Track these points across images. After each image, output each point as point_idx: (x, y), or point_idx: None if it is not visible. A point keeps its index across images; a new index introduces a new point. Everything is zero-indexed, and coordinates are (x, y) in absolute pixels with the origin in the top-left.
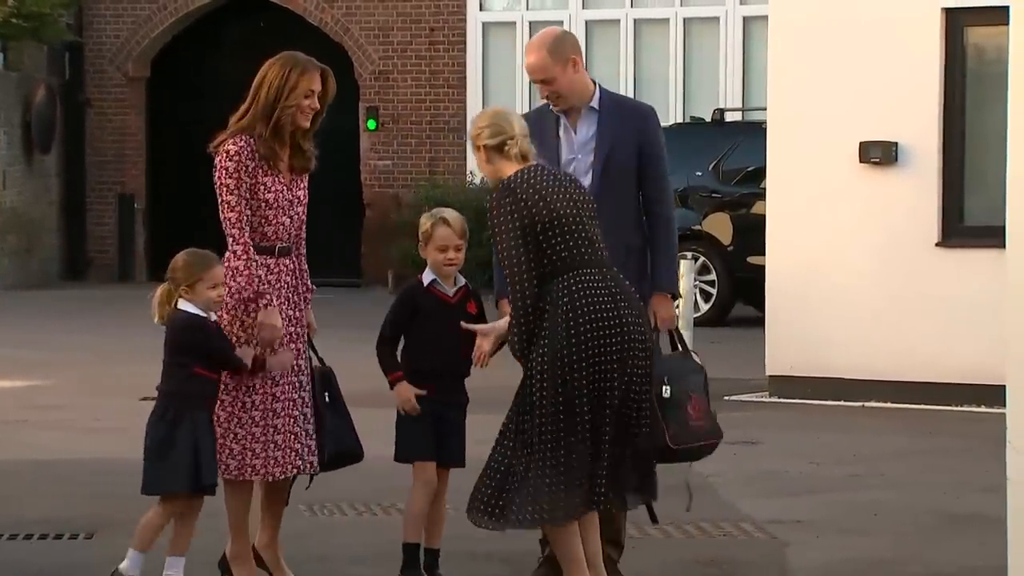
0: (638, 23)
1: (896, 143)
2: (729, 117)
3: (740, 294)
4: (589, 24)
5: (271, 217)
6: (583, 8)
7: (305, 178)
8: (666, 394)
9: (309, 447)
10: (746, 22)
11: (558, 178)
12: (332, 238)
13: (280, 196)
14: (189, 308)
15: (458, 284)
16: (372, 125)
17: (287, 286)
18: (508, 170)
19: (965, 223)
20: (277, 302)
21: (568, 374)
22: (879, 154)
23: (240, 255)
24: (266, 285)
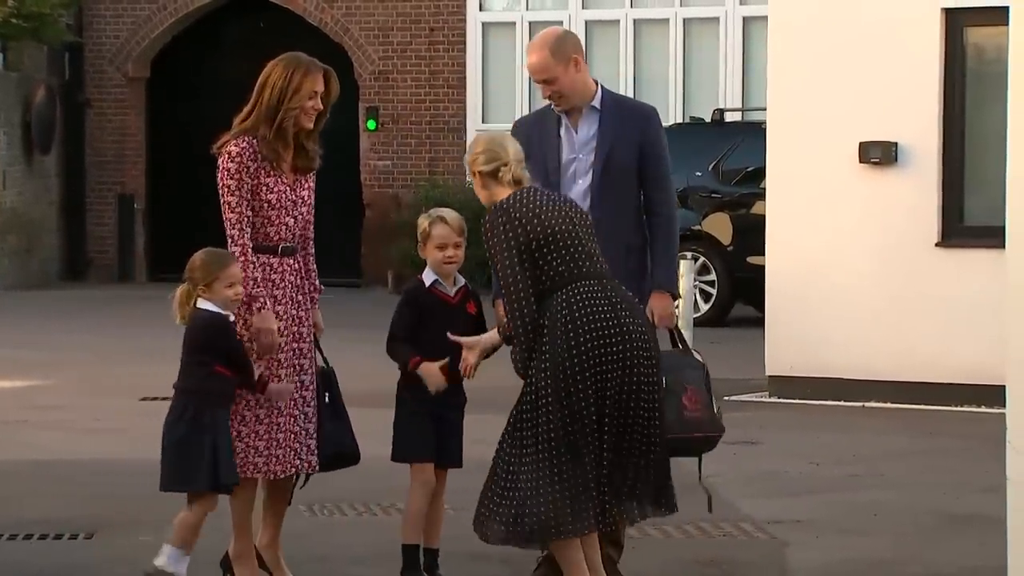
0: (638, 23)
1: (896, 143)
2: (729, 117)
3: (740, 294)
4: (589, 24)
5: (274, 217)
6: (583, 8)
7: (310, 178)
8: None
9: (308, 446)
10: (746, 22)
11: (552, 198)
12: (332, 238)
13: (283, 196)
14: (209, 307)
15: (458, 284)
16: (372, 125)
17: (291, 286)
18: (502, 195)
19: (965, 223)
20: (281, 301)
21: (571, 386)
22: (879, 154)
23: (238, 256)
24: (260, 288)
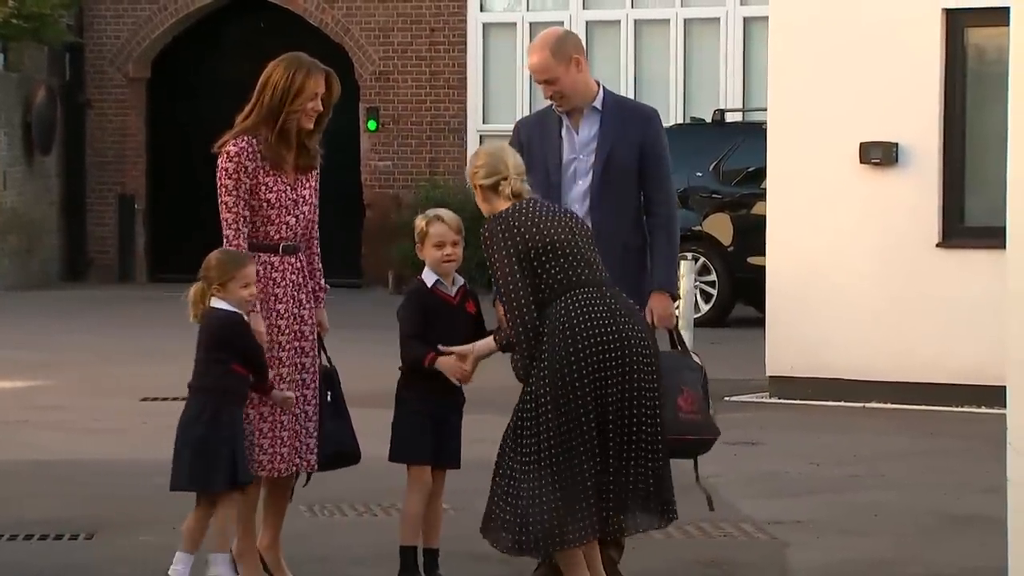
0: (639, 24)
1: (896, 144)
2: (729, 118)
3: (740, 295)
4: (590, 25)
5: (274, 216)
6: (584, 9)
7: (311, 177)
8: None
9: (308, 445)
10: (747, 23)
11: (551, 209)
12: (332, 238)
13: (283, 196)
14: (223, 306)
15: (457, 284)
16: (372, 126)
17: (292, 284)
18: (502, 208)
19: (966, 224)
20: (282, 300)
21: (570, 393)
22: (879, 155)
23: None
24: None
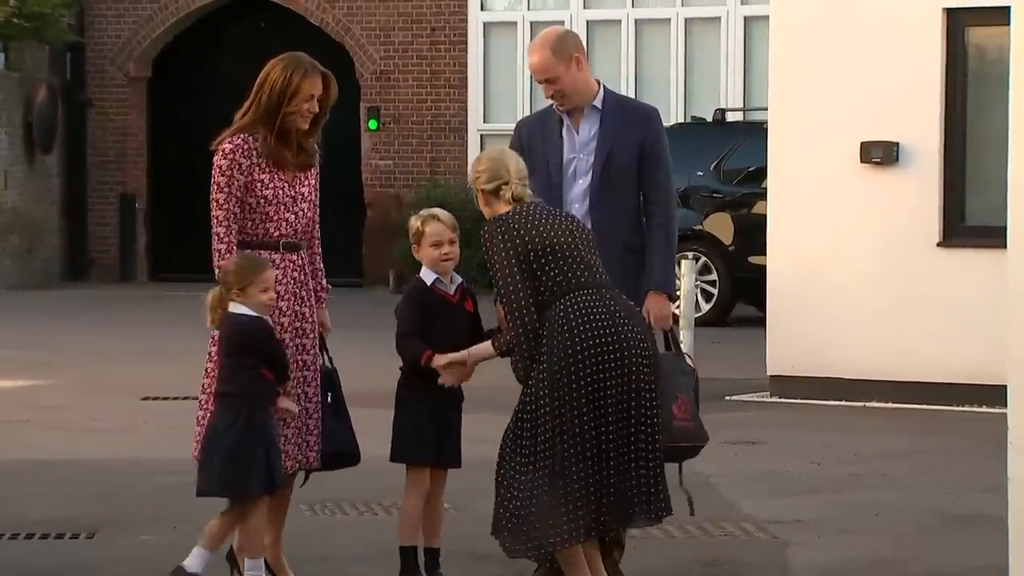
0: (639, 23)
1: (897, 143)
2: (730, 117)
3: (741, 294)
4: (590, 24)
5: (271, 213)
6: (584, 8)
7: (310, 175)
8: None
9: (309, 442)
10: (747, 22)
11: (551, 212)
12: (333, 238)
13: (281, 192)
14: (244, 310)
15: (455, 282)
16: (373, 125)
17: (293, 281)
18: (503, 212)
19: (966, 223)
20: (284, 297)
21: (567, 394)
22: (880, 154)
23: (224, 254)
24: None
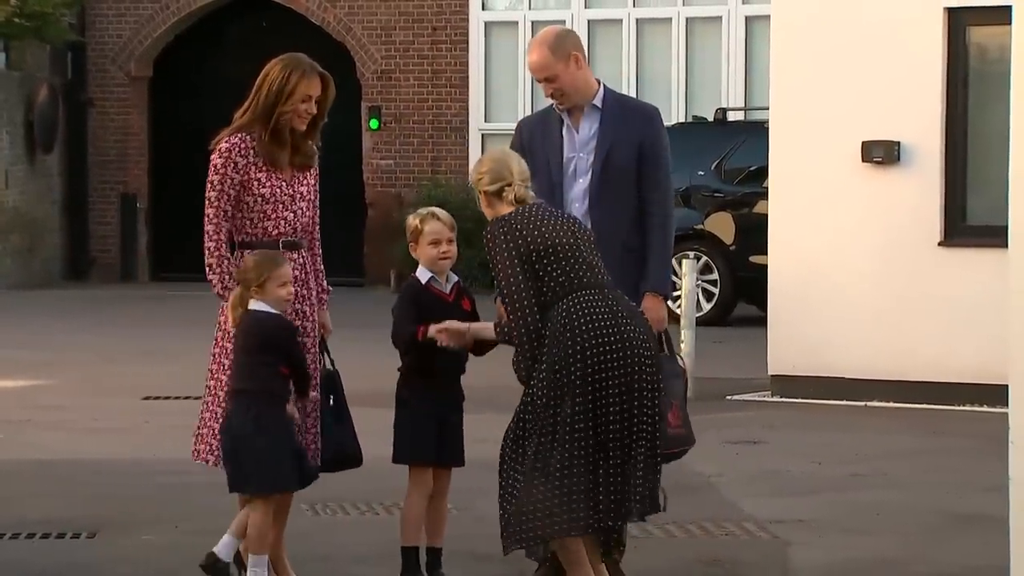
0: (640, 23)
1: (898, 142)
2: (731, 116)
3: (742, 293)
4: (591, 24)
5: (269, 212)
6: (585, 8)
7: (309, 175)
8: None
9: (305, 440)
10: (748, 21)
11: (553, 213)
12: (334, 238)
13: (279, 191)
14: (263, 307)
15: (451, 281)
16: (375, 125)
17: (294, 280)
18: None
19: (968, 223)
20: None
21: (569, 394)
22: (881, 153)
23: (213, 252)
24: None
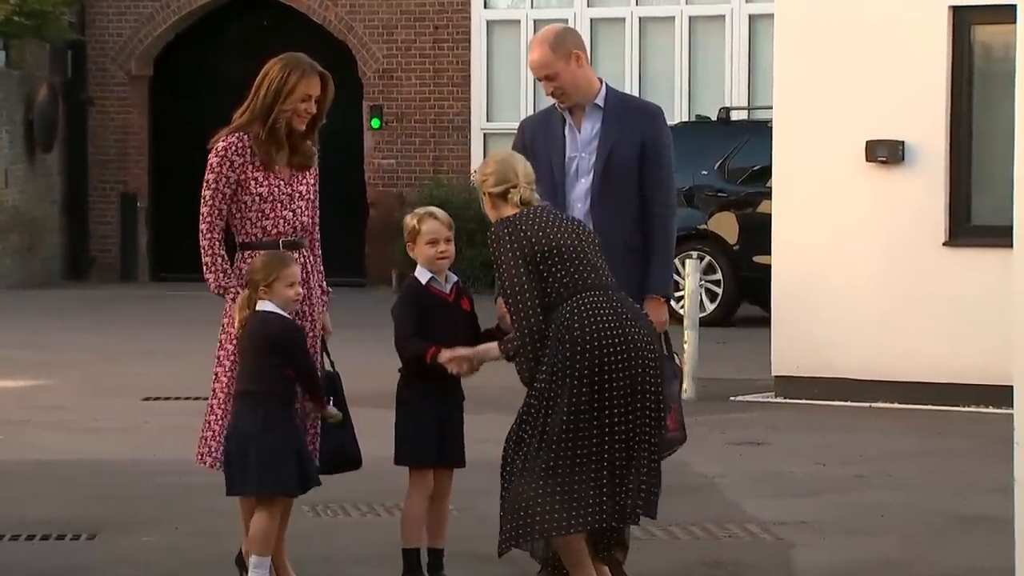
0: (643, 21)
1: (903, 142)
2: (735, 116)
3: (746, 293)
4: (594, 22)
5: (268, 211)
6: (588, 6)
7: (308, 174)
8: None
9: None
10: (752, 20)
11: (558, 215)
12: (335, 237)
13: (277, 190)
14: (272, 308)
15: (450, 281)
16: (376, 124)
17: None
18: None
19: (972, 222)
20: None
21: (571, 394)
22: (885, 153)
23: (207, 250)
24: (231, 280)
